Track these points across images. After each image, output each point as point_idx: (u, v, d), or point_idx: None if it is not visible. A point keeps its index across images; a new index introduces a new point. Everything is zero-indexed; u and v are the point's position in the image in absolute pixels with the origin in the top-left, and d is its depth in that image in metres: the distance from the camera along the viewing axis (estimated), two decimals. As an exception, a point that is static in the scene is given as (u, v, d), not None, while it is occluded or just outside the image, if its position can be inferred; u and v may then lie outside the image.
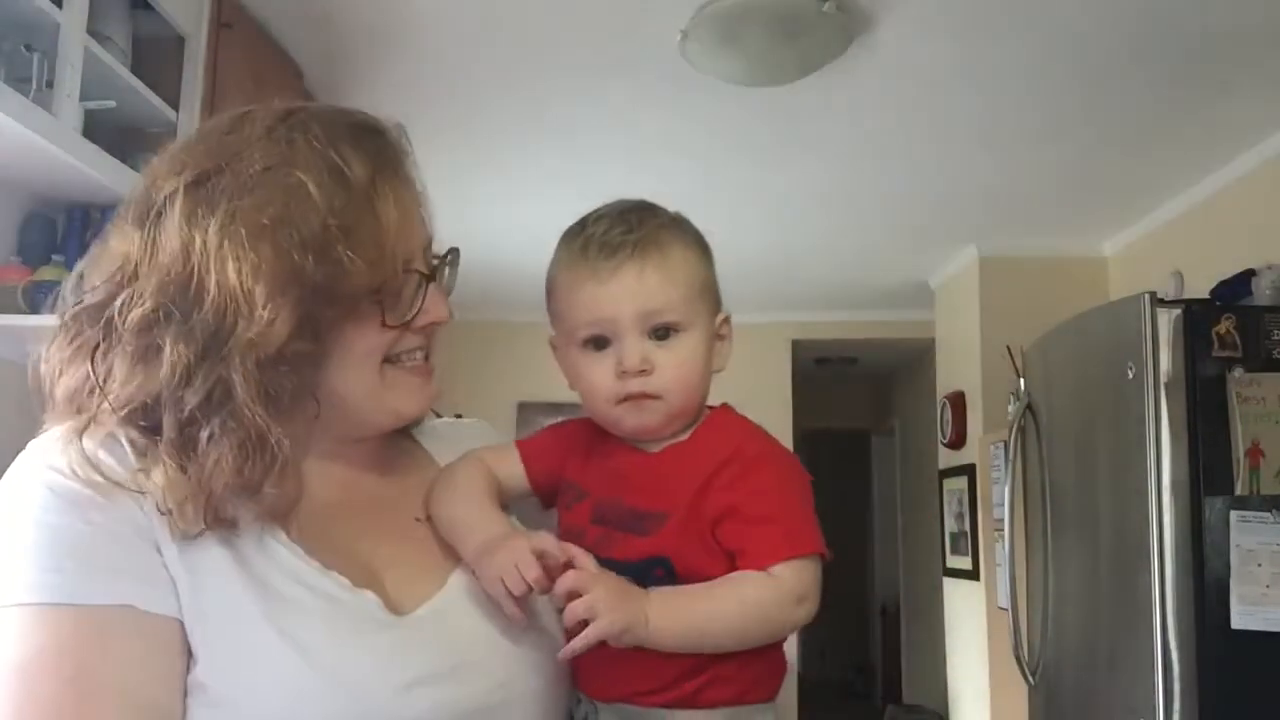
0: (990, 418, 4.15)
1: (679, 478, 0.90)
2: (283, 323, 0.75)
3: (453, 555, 0.89)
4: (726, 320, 0.98)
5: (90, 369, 0.78)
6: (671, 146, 3.35)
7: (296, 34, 2.58)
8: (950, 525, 4.67)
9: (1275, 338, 2.31)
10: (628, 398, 0.91)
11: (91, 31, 1.84)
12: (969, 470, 4.38)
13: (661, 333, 0.92)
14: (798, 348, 5.76)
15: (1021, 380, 2.95)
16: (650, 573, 0.87)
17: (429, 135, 3.14)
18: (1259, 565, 2.24)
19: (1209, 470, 2.27)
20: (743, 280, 5.00)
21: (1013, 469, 2.92)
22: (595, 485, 0.94)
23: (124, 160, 1.96)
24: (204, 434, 0.75)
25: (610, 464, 0.95)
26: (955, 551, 4.61)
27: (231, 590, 0.75)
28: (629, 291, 0.90)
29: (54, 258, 1.97)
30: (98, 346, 0.78)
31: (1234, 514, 2.25)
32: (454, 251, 0.91)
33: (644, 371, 0.90)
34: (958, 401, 4.54)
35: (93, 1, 1.83)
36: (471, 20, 2.58)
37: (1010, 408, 3.02)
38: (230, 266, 0.74)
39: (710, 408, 0.98)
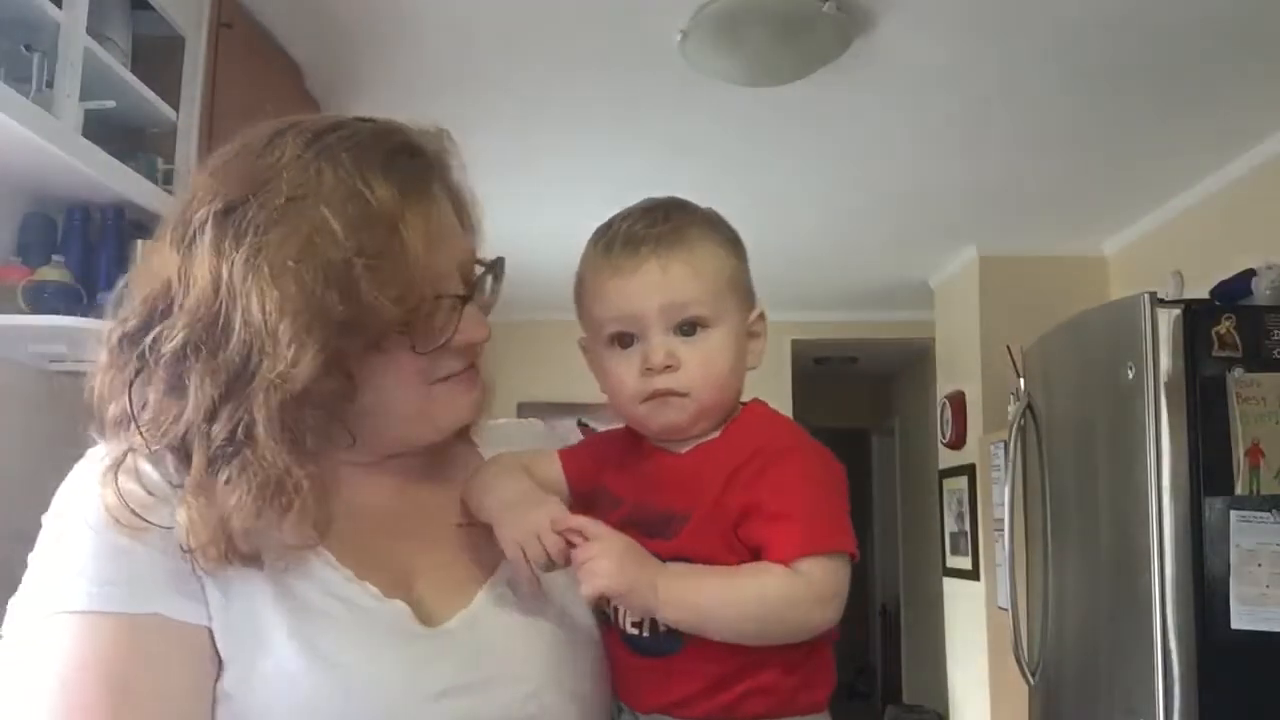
0: (990, 418, 4.15)
1: (704, 476, 0.88)
2: (308, 363, 0.74)
3: (489, 562, 0.88)
4: (761, 316, 0.96)
5: (127, 400, 0.79)
6: (671, 146, 3.35)
7: (296, 34, 2.58)
8: (950, 525, 4.67)
9: (1275, 338, 2.31)
10: (653, 395, 0.89)
11: (91, 31, 1.84)
12: (969, 470, 4.38)
13: (688, 328, 0.89)
14: (798, 348, 5.76)
15: (1021, 380, 2.95)
16: None
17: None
18: (1259, 565, 2.24)
19: (1209, 470, 2.27)
20: (743, 280, 5.00)
21: (1013, 469, 2.92)
22: (629, 491, 0.91)
23: (124, 160, 1.96)
24: (223, 475, 0.75)
25: (642, 468, 0.93)
26: (955, 551, 4.62)
27: (260, 602, 0.76)
28: (653, 285, 0.88)
29: (54, 258, 1.97)
30: (136, 375, 0.79)
31: (1234, 514, 2.25)
32: (499, 262, 0.90)
33: (669, 367, 0.88)
34: (958, 401, 4.54)
35: (93, 1, 1.83)
36: (471, 20, 2.58)
37: (1010, 408, 3.02)
38: (255, 303, 0.73)
39: (743, 404, 0.95)
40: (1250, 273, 2.81)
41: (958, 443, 4.55)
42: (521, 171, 3.53)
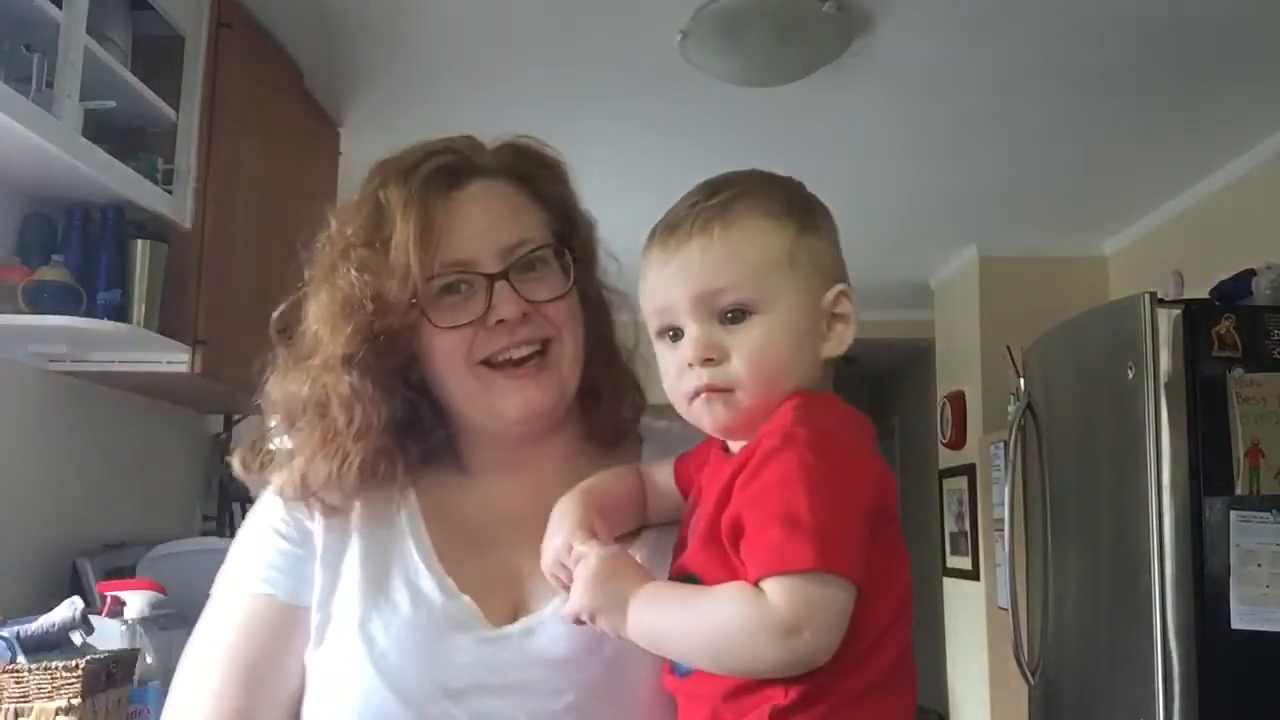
0: (990, 418, 4.15)
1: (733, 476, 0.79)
2: (348, 338, 0.88)
3: None
4: (844, 295, 0.83)
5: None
6: (671, 146, 3.35)
7: (296, 34, 2.58)
8: (950, 525, 4.67)
9: (1275, 338, 2.31)
10: (696, 393, 0.80)
11: (91, 31, 1.84)
12: (969, 470, 4.38)
13: (735, 315, 0.79)
14: (798, 348, 5.76)
15: (1021, 380, 2.95)
16: None
17: (427, 135, 3.14)
18: (1259, 565, 2.24)
19: (1209, 470, 2.27)
20: (743, 280, 5.01)
21: (1013, 469, 2.92)
22: (700, 493, 0.84)
23: (124, 160, 1.96)
24: (306, 436, 0.91)
25: (709, 470, 0.85)
26: (955, 551, 4.62)
27: (349, 591, 0.89)
28: (687, 272, 0.80)
29: (54, 258, 1.97)
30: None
31: (1234, 514, 2.25)
32: (542, 248, 0.93)
33: (710, 360, 0.79)
34: (958, 401, 4.54)
35: (93, 1, 1.83)
36: (471, 20, 2.58)
37: (1010, 408, 3.02)
38: (313, 309, 0.92)
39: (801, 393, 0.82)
40: (1250, 273, 2.81)
41: (958, 443, 4.55)
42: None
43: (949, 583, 4.72)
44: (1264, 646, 2.22)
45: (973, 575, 4.33)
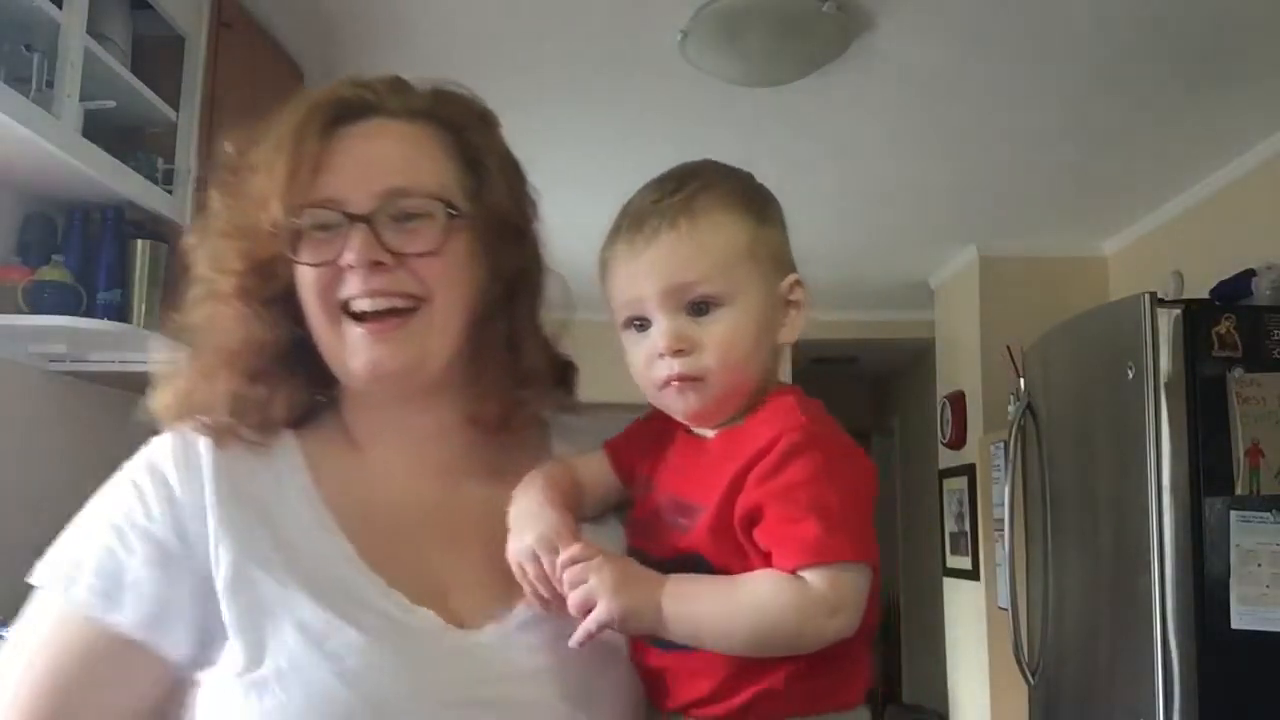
0: (990, 418, 4.15)
1: (721, 468, 0.82)
2: (219, 266, 0.87)
3: None
4: (798, 283, 0.88)
5: None
6: (671, 146, 3.33)
7: (296, 34, 2.57)
8: (950, 525, 4.67)
9: (1275, 338, 2.31)
10: (668, 382, 0.84)
11: (91, 31, 1.84)
12: (969, 470, 4.38)
13: (700, 307, 0.84)
14: (798, 348, 5.73)
15: (1021, 380, 2.95)
16: (695, 570, 0.82)
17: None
18: (1259, 565, 2.24)
19: (1209, 470, 2.27)
20: (743, 280, 5.01)
21: (1013, 469, 2.92)
22: (659, 476, 0.88)
23: (124, 160, 1.96)
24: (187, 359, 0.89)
25: (672, 453, 0.89)
26: (955, 551, 4.61)
27: (275, 599, 0.79)
28: (655, 267, 0.84)
29: (54, 258, 1.97)
30: None
31: (1234, 514, 2.25)
32: (421, 203, 0.86)
33: (680, 351, 0.83)
34: (958, 401, 4.54)
35: (93, 1, 1.83)
36: (471, 20, 2.58)
37: (1010, 408, 3.02)
38: (201, 236, 0.90)
39: (781, 386, 0.89)
40: (1250, 273, 2.81)
41: (958, 443, 4.55)
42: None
43: (949, 583, 4.71)
44: (1264, 646, 2.22)
45: (973, 575, 4.33)
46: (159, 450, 0.86)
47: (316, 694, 0.75)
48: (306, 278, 0.85)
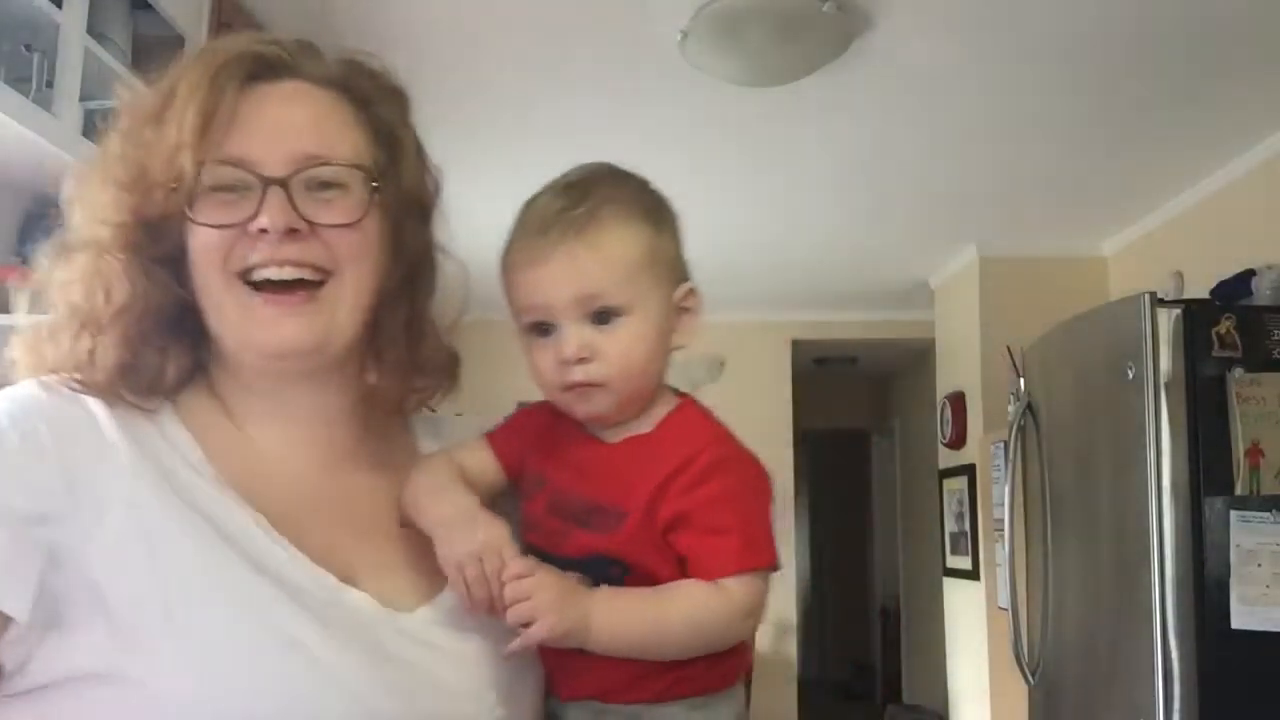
0: (990, 418, 4.15)
1: (638, 474, 0.86)
2: (104, 216, 0.79)
3: (437, 570, 0.85)
4: (692, 291, 0.93)
5: None
6: (671, 146, 3.35)
7: (296, 34, 2.57)
8: (950, 525, 4.67)
9: (1275, 338, 2.31)
10: (571, 387, 0.87)
11: (91, 31, 1.84)
12: (969, 470, 4.38)
13: (603, 316, 0.87)
14: (798, 348, 5.76)
15: (1021, 380, 2.95)
16: (606, 571, 0.84)
17: (428, 135, 3.15)
18: (1259, 565, 2.24)
19: (1209, 470, 2.27)
20: (743, 280, 5.00)
21: (1013, 469, 2.92)
22: (554, 474, 0.90)
23: (124, 160, 1.96)
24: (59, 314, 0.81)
25: (570, 452, 0.91)
26: (955, 551, 4.62)
27: (206, 579, 0.73)
28: (562, 275, 0.86)
29: (54, 258, 1.96)
30: None
31: (1234, 514, 2.25)
32: (328, 171, 0.81)
33: (584, 359, 0.86)
34: (958, 401, 4.54)
35: (93, 1, 1.83)
36: (471, 20, 2.58)
37: (1010, 408, 3.02)
38: (84, 187, 0.83)
39: (680, 395, 0.94)
40: (1250, 273, 2.81)
41: (958, 443, 4.55)
42: (521, 171, 3.52)
43: (949, 583, 4.72)
44: (1264, 646, 2.22)
45: (973, 575, 4.33)
46: (28, 402, 0.76)
47: (261, 671, 0.70)
48: (205, 240, 0.79)
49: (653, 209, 0.92)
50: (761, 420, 5.67)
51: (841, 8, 2.45)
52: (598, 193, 0.89)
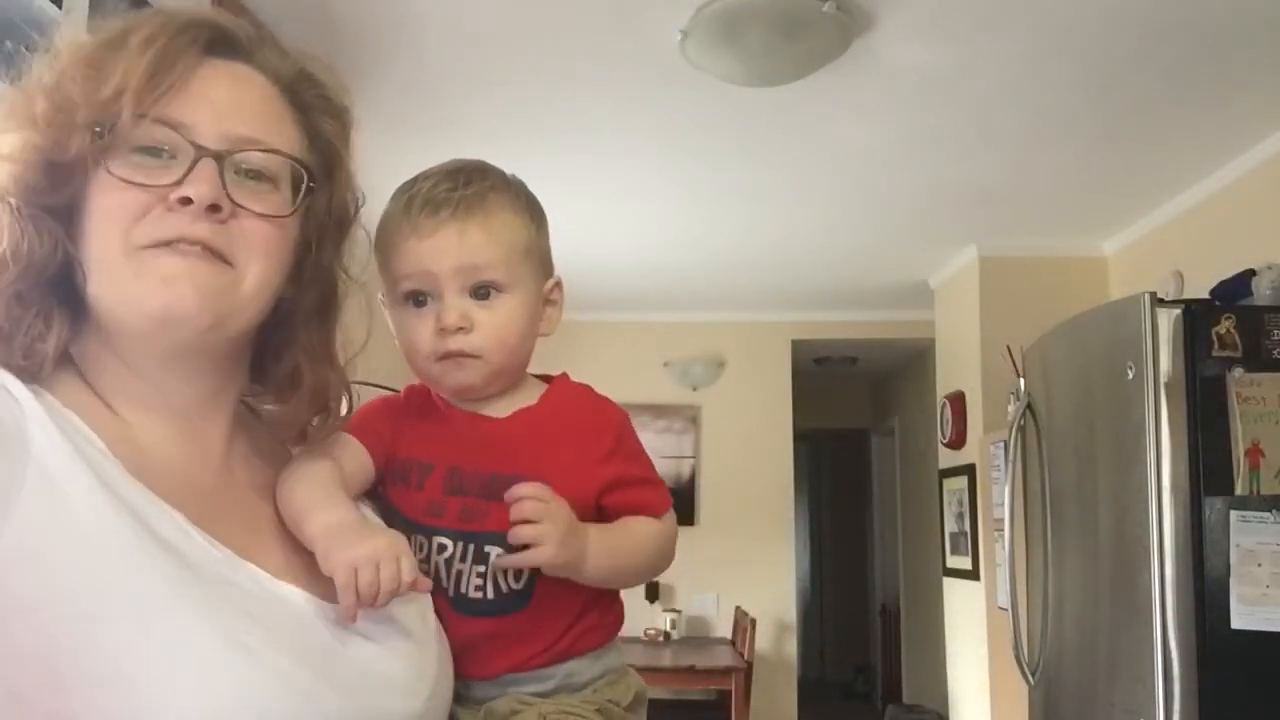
0: (990, 418, 4.15)
1: (544, 442, 0.92)
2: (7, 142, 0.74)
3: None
4: (558, 285, 1.00)
5: None
6: (671, 146, 3.35)
7: (296, 34, 2.57)
8: (950, 525, 4.67)
9: (1275, 338, 2.31)
10: (447, 355, 0.91)
11: (91, 32, 1.84)
12: (969, 470, 4.38)
13: (482, 292, 0.92)
14: (798, 348, 5.77)
15: (1021, 380, 2.95)
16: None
17: (428, 135, 3.15)
18: (1259, 565, 2.24)
19: (1209, 470, 2.27)
20: (743, 280, 5.01)
21: (1013, 469, 2.92)
22: (440, 455, 0.92)
23: (124, 160, 1.96)
24: None
25: (453, 431, 0.94)
26: (955, 551, 4.62)
27: (146, 578, 0.67)
28: (450, 247, 0.90)
29: (54, 258, 1.96)
30: None
31: (1234, 514, 2.25)
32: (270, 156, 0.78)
33: (462, 329, 0.91)
34: (958, 401, 4.54)
35: (93, 1, 1.83)
36: (471, 20, 2.58)
37: (1010, 408, 3.02)
38: None
39: (546, 378, 1.00)
40: (1250, 273, 2.81)
41: (958, 443, 4.55)
42: (521, 171, 3.52)
43: (949, 583, 4.72)
44: (1264, 646, 2.22)
45: (973, 575, 4.33)
46: None
47: (209, 674, 0.66)
48: (113, 198, 0.73)
49: (533, 204, 0.98)
50: (761, 420, 5.68)
51: (841, 8, 2.45)
52: (485, 180, 0.94)
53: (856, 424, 8.09)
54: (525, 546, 0.85)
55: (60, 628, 0.64)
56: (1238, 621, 2.23)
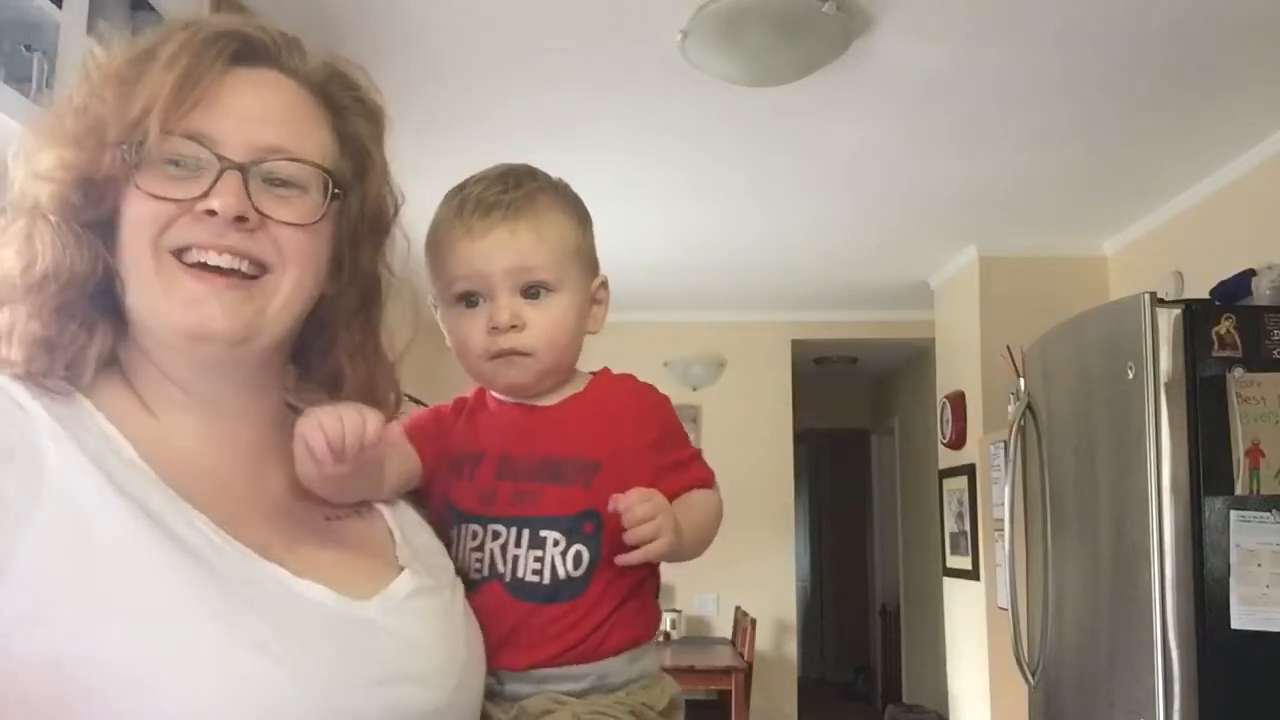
0: (990, 418, 4.15)
1: (594, 425, 0.95)
2: (39, 170, 0.76)
3: (375, 553, 0.85)
4: (604, 285, 1.02)
5: None
6: (671, 146, 3.35)
7: (296, 34, 2.58)
8: (950, 525, 4.67)
9: (1275, 338, 2.31)
10: (499, 354, 0.94)
11: (91, 32, 1.84)
12: (969, 470, 4.38)
13: (533, 291, 0.94)
14: (798, 348, 5.77)
15: (1021, 380, 2.95)
16: (580, 528, 0.90)
17: (426, 134, 3.15)
18: (1259, 565, 2.24)
19: (1209, 470, 2.27)
20: (743, 280, 5.01)
21: (1013, 469, 2.92)
22: (491, 444, 0.95)
23: (124, 160, 1.95)
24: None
25: (503, 422, 0.97)
26: (955, 551, 4.62)
27: (166, 578, 0.68)
28: (501, 248, 0.93)
29: (54, 258, 1.96)
30: None
31: (1234, 514, 2.25)
32: (284, 166, 0.79)
33: (514, 327, 0.93)
34: (958, 401, 4.54)
35: (93, 1, 1.83)
36: (471, 20, 2.58)
37: (1010, 408, 3.02)
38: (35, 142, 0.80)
39: (591, 374, 1.02)
40: (1250, 273, 2.81)
41: (958, 443, 4.55)
42: (521, 171, 3.53)
43: (949, 583, 4.72)
44: (1264, 646, 2.22)
45: (973, 575, 4.34)
46: None
47: (229, 675, 0.66)
48: (143, 211, 0.76)
49: (579, 206, 1.01)
50: (761, 420, 5.68)
51: (841, 8, 2.45)
52: (534, 182, 0.97)
53: (856, 424, 8.09)
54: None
55: (75, 635, 0.65)
56: (1238, 621, 2.23)
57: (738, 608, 5.24)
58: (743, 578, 5.42)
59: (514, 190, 0.95)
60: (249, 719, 0.66)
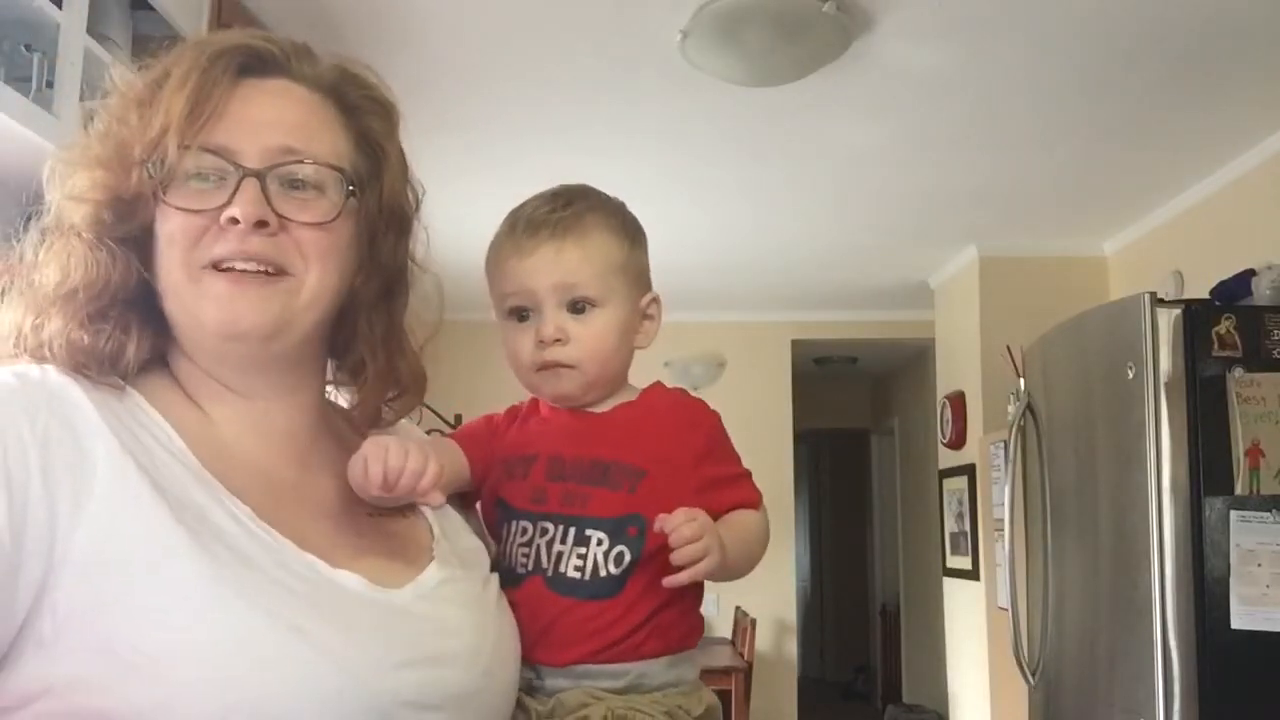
0: (990, 418, 4.15)
1: (643, 433, 0.98)
2: (75, 192, 0.82)
3: (413, 545, 0.88)
4: (655, 300, 1.05)
5: None
6: (671, 146, 3.35)
7: (297, 34, 2.58)
8: (950, 525, 4.67)
9: (1275, 338, 2.31)
10: (545, 366, 0.98)
11: (91, 31, 1.84)
12: (969, 470, 4.38)
13: (578, 306, 0.98)
14: (798, 348, 5.77)
15: (1021, 380, 2.95)
16: (624, 530, 0.93)
17: (429, 135, 3.15)
18: (1259, 565, 2.24)
19: (1209, 470, 2.27)
20: (743, 280, 5.01)
21: (1013, 469, 2.92)
22: (544, 445, 0.99)
23: (124, 160, 1.96)
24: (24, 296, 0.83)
25: (557, 424, 1.01)
26: (955, 551, 4.62)
27: (181, 563, 0.71)
28: (546, 265, 0.97)
29: (54, 258, 1.96)
30: None
31: (1234, 514, 2.25)
32: (297, 167, 0.82)
33: (559, 341, 0.97)
34: (958, 401, 4.54)
35: (93, 1, 1.83)
36: (471, 20, 2.59)
37: (1010, 408, 3.02)
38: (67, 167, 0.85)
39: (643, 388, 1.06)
40: (1250, 273, 2.81)
41: (958, 443, 4.55)
42: (521, 170, 3.53)
43: (949, 583, 4.72)
44: (1264, 646, 2.22)
45: (973, 575, 4.34)
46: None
47: (266, 660, 0.70)
48: (173, 224, 0.80)
49: (630, 224, 1.05)
50: (761, 420, 5.67)
51: (841, 8, 2.45)
52: (583, 202, 1.01)
53: (856, 424, 8.09)
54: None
55: (127, 623, 0.69)
56: (1238, 621, 2.23)
57: (737, 608, 5.24)
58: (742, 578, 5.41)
59: (562, 210, 0.99)
60: (286, 699, 0.70)
